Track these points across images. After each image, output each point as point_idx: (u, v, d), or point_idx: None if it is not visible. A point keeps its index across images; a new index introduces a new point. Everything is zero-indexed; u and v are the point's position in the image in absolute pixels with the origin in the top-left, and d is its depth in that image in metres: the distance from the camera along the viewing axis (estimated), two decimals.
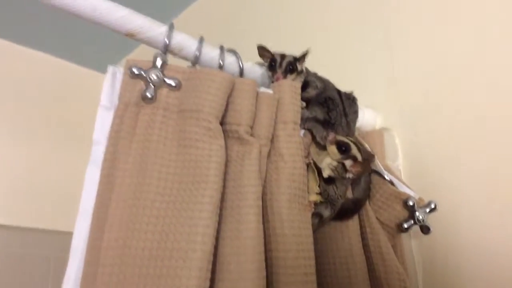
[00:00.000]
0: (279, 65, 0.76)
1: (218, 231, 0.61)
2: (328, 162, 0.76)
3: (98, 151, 0.63)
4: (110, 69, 0.66)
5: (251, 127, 0.68)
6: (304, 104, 0.77)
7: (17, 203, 1.53)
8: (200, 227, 0.57)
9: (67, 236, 0.59)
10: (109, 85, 0.65)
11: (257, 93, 0.70)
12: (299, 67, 0.78)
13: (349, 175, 0.75)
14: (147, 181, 0.61)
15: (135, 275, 0.57)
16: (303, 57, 0.78)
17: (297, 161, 0.70)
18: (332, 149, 0.75)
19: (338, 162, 0.75)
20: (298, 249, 0.65)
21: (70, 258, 0.59)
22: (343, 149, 0.74)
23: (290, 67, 0.76)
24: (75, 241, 0.59)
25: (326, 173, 0.76)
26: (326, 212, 0.74)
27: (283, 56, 0.78)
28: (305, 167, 0.72)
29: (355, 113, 0.84)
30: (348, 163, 0.75)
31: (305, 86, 0.78)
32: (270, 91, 0.73)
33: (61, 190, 1.60)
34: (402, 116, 1.00)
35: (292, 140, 0.71)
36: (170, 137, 0.64)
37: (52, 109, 1.73)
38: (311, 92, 0.78)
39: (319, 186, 0.75)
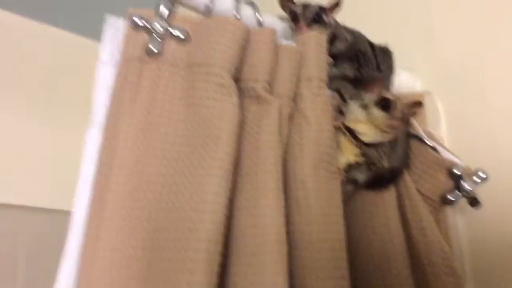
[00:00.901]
0: (303, 14, 0.67)
1: (232, 201, 0.54)
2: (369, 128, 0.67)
3: (99, 112, 0.56)
4: (110, 20, 0.58)
5: (270, 84, 0.60)
6: (331, 60, 0.68)
7: None
8: (209, 195, 0.50)
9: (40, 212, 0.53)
10: (109, 38, 0.58)
11: (277, 46, 0.62)
12: (325, 19, 0.69)
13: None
14: (152, 145, 0.54)
15: (138, 249, 0.50)
16: (331, 8, 0.69)
17: (324, 123, 0.61)
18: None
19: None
20: (325, 221, 0.57)
21: (70, 233, 0.53)
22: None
23: (316, 17, 0.67)
24: (75, 214, 0.53)
25: (367, 138, 0.66)
26: (362, 177, 0.66)
27: (306, 6, 0.68)
28: (333, 130, 0.63)
29: (390, 68, 0.74)
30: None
31: (332, 39, 0.68)
32: (292, 43, 0.64)
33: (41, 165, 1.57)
34: (446, 79, 0.89)
35: (318, 100, 0.62)
36: (177, 96, 0.57)
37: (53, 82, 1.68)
38: (340, 46, 0.69)
39: (358, 147, 0.66)
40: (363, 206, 0.70)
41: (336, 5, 0.69)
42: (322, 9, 0.68)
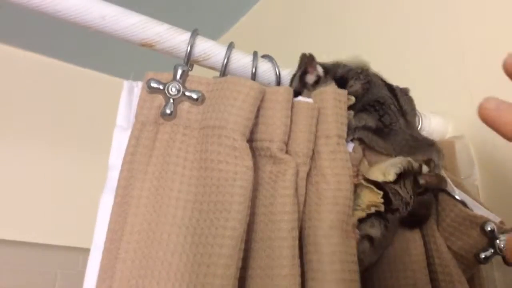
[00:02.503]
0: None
1: (245, 268, 0.52)
2: (395, 162, 0.64)
3: (114, 177, 0.56)
4: (126, 84, 0.59)
5: (286, 144, 0.58)
6: (353, 99, 0.65)
7: (20, 218, 1.52)
8: (219, 268, 0.48)
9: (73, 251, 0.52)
10: (125, 102, 0.59)
11: (293, 103, 0.60)
12: (309, 78, 0.66)
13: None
14: (164, 211, 0.53)
15: None
16: (308, 62, 0.66)
17: (342, 181, 0.59)
18: None
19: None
20: None
21: None
22: None
23: (301, 84, 0.66)
24: (86, 283, 0.52)
25: (392, 174, 0.63)
26: (374, 231, 0.62)
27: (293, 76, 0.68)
28: (352, 189, 0.60)
29: (413, 109, 0.70)
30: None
31: (343, 82, 0.66)
32: (309, 100, 0.63)
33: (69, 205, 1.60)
34: (478, 122, 0.84)
35: (337, 158, 0.60)
36: (190, 158, 0.56)
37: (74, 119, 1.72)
38: (356, 85, 0.65)
39: (383, 197, 0.63)
40: (388, 265, 0.66)
41: (311, 58, 0.66)
42: (302, 72, 0.67)
